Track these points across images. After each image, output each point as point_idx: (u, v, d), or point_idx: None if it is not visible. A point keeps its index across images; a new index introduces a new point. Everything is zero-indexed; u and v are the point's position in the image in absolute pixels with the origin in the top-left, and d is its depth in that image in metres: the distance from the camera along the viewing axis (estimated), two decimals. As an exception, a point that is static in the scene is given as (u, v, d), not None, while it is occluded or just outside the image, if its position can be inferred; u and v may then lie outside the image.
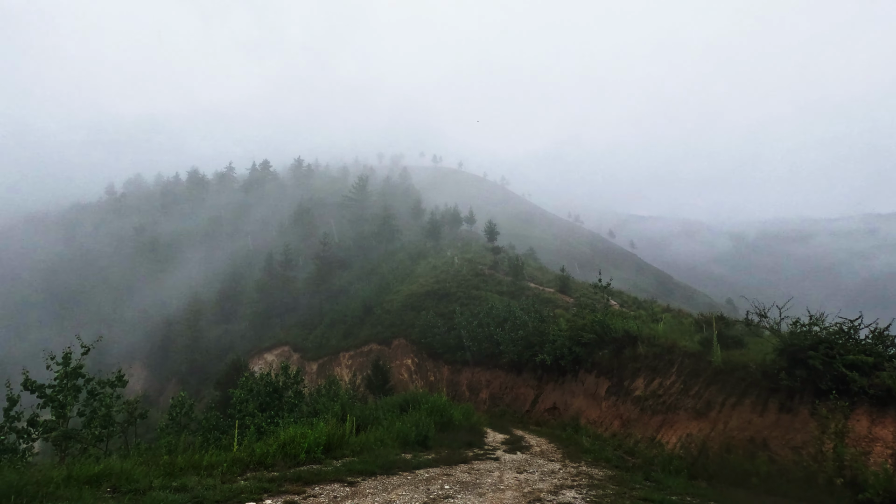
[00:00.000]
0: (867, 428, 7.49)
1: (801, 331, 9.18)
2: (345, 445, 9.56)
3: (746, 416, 9.60)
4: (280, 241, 73.68)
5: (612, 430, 15.08)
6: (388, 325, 37.56)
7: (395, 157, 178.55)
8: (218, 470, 7.11)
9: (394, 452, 9.78)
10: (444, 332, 30.67)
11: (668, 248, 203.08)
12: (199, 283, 75.19)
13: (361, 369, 35.04)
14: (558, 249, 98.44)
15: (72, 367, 9.52)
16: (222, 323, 64.06)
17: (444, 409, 14.58)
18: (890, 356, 8.44)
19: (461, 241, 60.47)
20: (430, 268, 45.76)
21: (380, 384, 25.35)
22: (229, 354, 46.17)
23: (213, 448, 8.91)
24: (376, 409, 14.61)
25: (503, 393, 25.12)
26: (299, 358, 44.73)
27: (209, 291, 71.06)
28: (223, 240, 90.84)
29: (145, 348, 66.12)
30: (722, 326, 14.23)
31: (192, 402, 14.70)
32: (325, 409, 12.77)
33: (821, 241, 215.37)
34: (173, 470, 6.86)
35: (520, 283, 37.70)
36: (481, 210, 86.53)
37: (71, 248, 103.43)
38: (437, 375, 30.67)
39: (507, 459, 10.84)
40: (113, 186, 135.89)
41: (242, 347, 53.17)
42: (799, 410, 8.67)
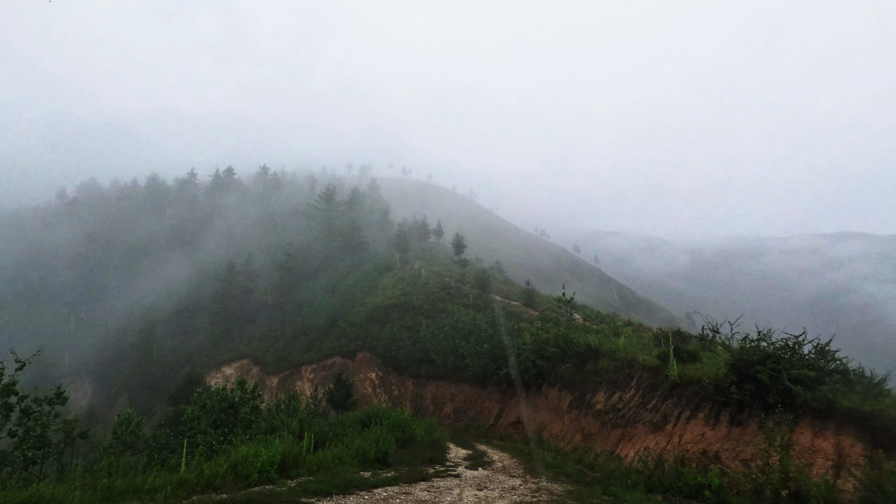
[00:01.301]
0: (810, 440, 7.80)
1: (750, 346, 9.54)
2: (301, 464, 9.25)
3: (700, 429, 9.85)
4: (243, 251, 71.77)
5: (573, 444, 15.19)
6: (352, 337, 36.94)
7: (363, 167, 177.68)
8: (161, 494, 6.73)
9: (352, 471, 9.53)
10: (409, 346, 30.39)
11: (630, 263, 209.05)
12: (155, 293, 72.14)
13: (324, 383, 34.23)
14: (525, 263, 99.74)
15: (3, 383, 8.86)
16: (179, 335, 61.55)
17: (407, 424, 14.37)
18: (830, 371, 8.86)
19: (429, 254, 60.43)
20: (396, 280, 45.43)
21: (342, 398, 24.78)
22: (185, 368, 44.31)
23: (158, 469, 8.44)
24: (337, 425, 14.26)
25: (467, 407, 25.00)
26: (259, 371, 43.36)
27: (166, 302, 68.24)
28: (183, 248, 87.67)
29: (94, 362, 62.69)
30: (678, 341, 14.65)
31: (139, 420, 13.95)
32: (282, 426, 12.36)
33: (772, 259, 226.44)
34: (111, 495, 6.44)
35: (486, 295, 37.88)
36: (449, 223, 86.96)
37: (15, 254, 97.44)
38: (402, 389, 30.29)
39: (469, 476, 10.73)
40: (64, 190, 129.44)
41: (199, 360, 51.18)
42: (748, 423, 8.96)
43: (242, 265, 62.84)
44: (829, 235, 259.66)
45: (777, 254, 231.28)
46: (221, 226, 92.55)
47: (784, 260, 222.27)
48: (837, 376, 8.84)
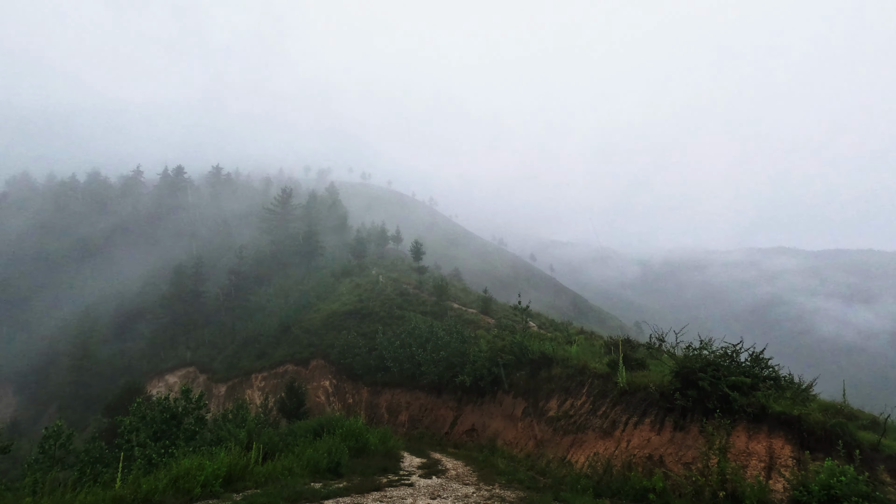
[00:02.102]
0: (745, 443, 8.26)
1: (693, 354, 10.02)
2: (248, 477, 8.91)
3: (646, 434, 10.22)
4: (192, 253, 68.76)
5: (526, 451, 15.40)
6: (306, 344, 36.03)
7: (322, 170, 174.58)
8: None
9: (302, 482, 9.26)
10: (364, 353, 29.95)
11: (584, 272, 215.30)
12: (93, 296, 67.81)
13: (275, 391, 33.17)
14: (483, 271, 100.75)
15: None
16: (118, 341, 58.06)
17: (360, 433, 14.14)
18: (764, 377, 9.44)
19: (387, 260, 59.99)
20: (353, 286, 44.77)
21: (294, 407, 24.06)
22: (124, 376, 41.84)
23: (90, 486, 7.90)
24: (288, 435, 13.84)
25: (423, 415, 24.87)
26: (206, 379, 41.52)
27: (105, 306, 64.27)
28: (126, 250, 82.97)
29: (20, 369, 58.05)
30: (627, 349, 15.19)
31: (70, 432, 13.00)
32: (229, 437, 11.86)
33: (715, 271, 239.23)
34: (36, 514, 5.98)
35: (443, 303, 37.95)
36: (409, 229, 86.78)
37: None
38: (356, 398, 29.77)
39: (422, 485, 10.66)
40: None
41: (140, 368, 48.45)
42: (690, 428, 9.38)
43: (191, 268, 60.14)
44: (765, 250, 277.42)
45: (719, 266, 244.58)
46: (169, 227, 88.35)
47: (725, 272, 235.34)
48: (770, 382, 9.43)
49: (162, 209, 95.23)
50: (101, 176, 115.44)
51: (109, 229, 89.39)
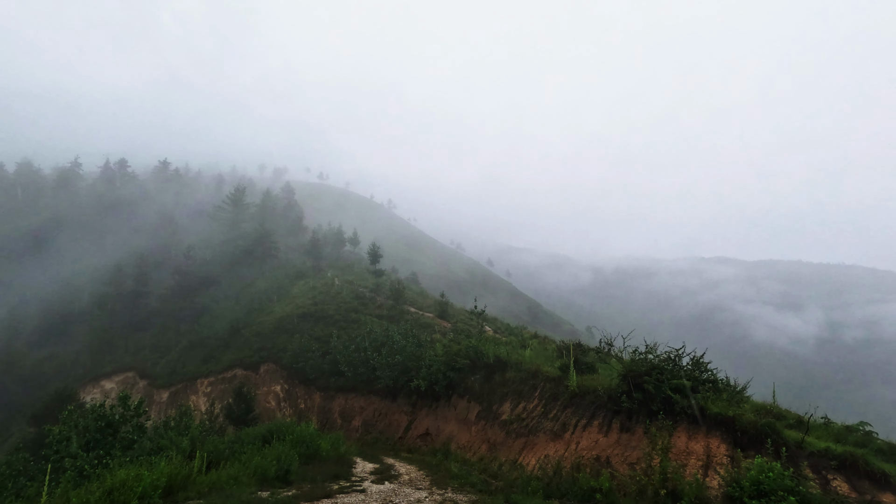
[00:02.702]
0: (685, 443, 8.68)
1: (639, 358, 10.45)
2: (190, 487, 8.51)
3: (594, 436, 10.55)
4: (134, 251, 65.14)
5: (479, 454, 15.52)
6: (256, 348, 34.87)
7: (278, 169, 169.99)
8: (15, 528, 5.83)
9: (248, 491, 8.94)
10: (318, 357, 29.34)
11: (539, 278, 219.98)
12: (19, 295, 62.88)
13: (222, 397, 31.89)
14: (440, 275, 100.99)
15: None
16: (49, 344, 54.05)
17: (312, 439, 13.81)
18: (704, 380, 9.96)
19: (343, 263, 59.07)
20: (308, 288, 43.77)
21: (242, 413, 23.23)
22: (54, 382, 39.02)
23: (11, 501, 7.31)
24: (235, 443, 13.32)
25: (377, 420, 24.59)
26: (147, 385, 39.38)
27: (35, 306, 59.73)
28: (59, 246, 77.54)
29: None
30: (578, 353, 15.62)
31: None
32: (170, 445, 11.28)
33: (662, 279, 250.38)
34: (-53, 533, 5.46)
35: (400, 307, 37.75)
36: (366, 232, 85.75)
37: None
38: (308, 403, 29.08)
39: (374, 490, 10.54)
40: None
41: (74, 374, 45.34)
42: (636, 430, 9.76)
43: (133, 267, 56.95)
44: (707, 259, 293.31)
45: (666, 274, 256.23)
46: (109, 223, 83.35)
47: (672, 280, 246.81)
48: (709, 385, 9.96)
49: (102, 204, 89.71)
50: (32, 166, 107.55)
51: (40, 224, 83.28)
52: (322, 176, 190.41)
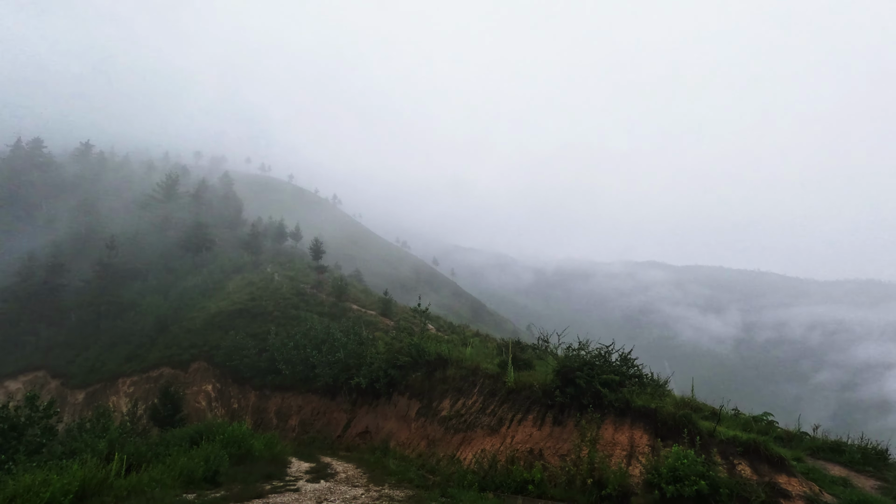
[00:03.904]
0: (612, 435, 9.19)
1: (572, 354, 10.93)
2: (106, 491, 7.96)
3: (529, 430, 10.91)
4: (48, 240, 59.73)
5: (418, 451, 15.59)
6: (186, 345, 33.04)
7: (215, 158, 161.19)
8: None
9: (172, 494, 8.49)
10: (254, 355, 28.27)
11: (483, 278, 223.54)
12: None
13: (147, 398, 29.97)
14: (384, 273, 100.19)
15: None
16: (-59, 341, 48.42)
17: (244, 439, 13.29)
18: (630, 375, 10.58)
19: (284, 258, 57.10)
20: (245, 283, 42.00)
21: (168, 414, 21.94)
22: (-52, 383, 35.13)
23: None
24: (159, 445, 12.58)
25: (315, 419, 24.06)
26: (59, 385, 36.29)
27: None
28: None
29: None
30: (517, 351, 16.08)
31: None
32: (85, 448, 10.48)
33: (598, 281, 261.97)
34: None
35: (342, 304, 37.11)
36: (309, 227, 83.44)
37: None
38: (243, 402, 27.96)
39: (309, 489, 10.33)
40: None
41: (-29, 373, 40.86)
42: (567, 423, 10.20)
43: (47, 257, 52.17)
44: (640, 263, 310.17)
45: (602, 276, 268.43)
46: (19, 208, 75.89)
47: (607, 282, 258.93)
48: (635, 380, 10.59)
49: (10, 187, 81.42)
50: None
51: (-63, 206, 74.38)
52: (264, 167, 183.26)
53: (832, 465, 8.50)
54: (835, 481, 7.58)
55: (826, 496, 7.03)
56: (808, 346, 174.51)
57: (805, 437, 10.50)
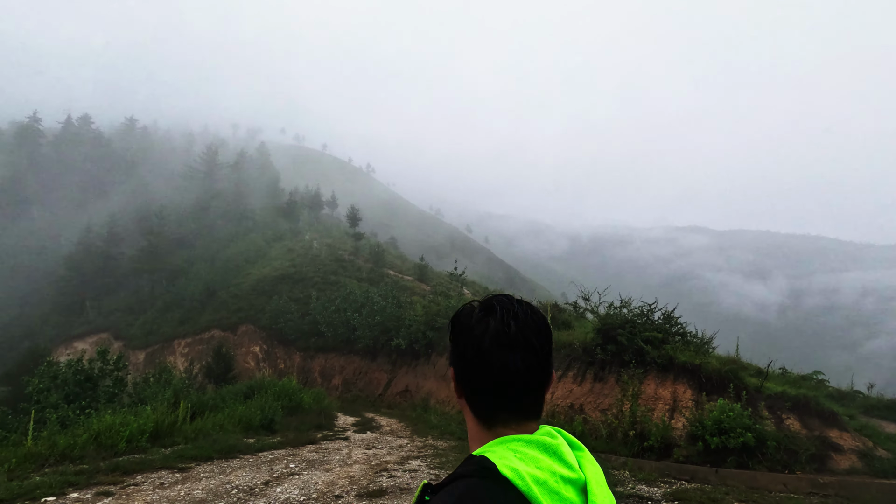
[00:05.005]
0: (654, 390, 9.20)
1: (614, 312, 10.88)
2: (177, 433, 8.67)
3: (569, 386, 11.05)
4: (102, 211, 62.96)
5: (458, 408, 16.08)
6: (234, 310, 34.68)
7: (252, 129, 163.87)
8: (4, 467, 5.90)
9: (235, 437, 9.16)
10: (297, 318, 29.43)
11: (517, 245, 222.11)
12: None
13: (200, 358, 31.83)
14: (419, 240, 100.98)
15: None
16: (14, 306, 52.63)
17: (293, 393, 14.08)
18: (673, 333, 10.47)
19: (321, 226, 58.35)
20: (285, 251, 43.35)
21: (222, 372, 23.29)
22: (25, 343, 38.27)
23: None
24: (216, 398, 13.47)
25: (357, 378, 25.06)
26: (122, 346, 38.90)
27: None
28: (19, 206, 74.31)
29: None
30: (555, 312, 16.11)
31: (-35, 397, 11.85)
32: (153, 397, 11.36)
33: (636, 247, 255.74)
34: (-65, 471, 5.50)
35: (379, 270, 37.84)
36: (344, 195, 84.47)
37: None
38: (288, 363, 29.35)
39: (357, 438, 10.91)
40: None
41: (45, 335, 44.38)
42: (608, 379, 10.27)
43: (102, 227, 55.19)
44: (681, 228, 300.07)
45: (641, 242, 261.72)
46: (74, 182, 79.99)
47: (645, 248, 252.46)
48: (678, 337, 10.48)
49: (65, 162, 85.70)
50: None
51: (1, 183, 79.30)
52: (298, 137, 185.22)
53: (887, 423, 8.27)
54: (890, 438, 7.39)
55: (880, 451, 6.89)
56: (861, 313, 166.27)
57: (858, 395, 10.21)
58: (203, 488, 5.67)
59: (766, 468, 6.80)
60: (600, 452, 8.58)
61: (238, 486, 5.85)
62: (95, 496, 5.19)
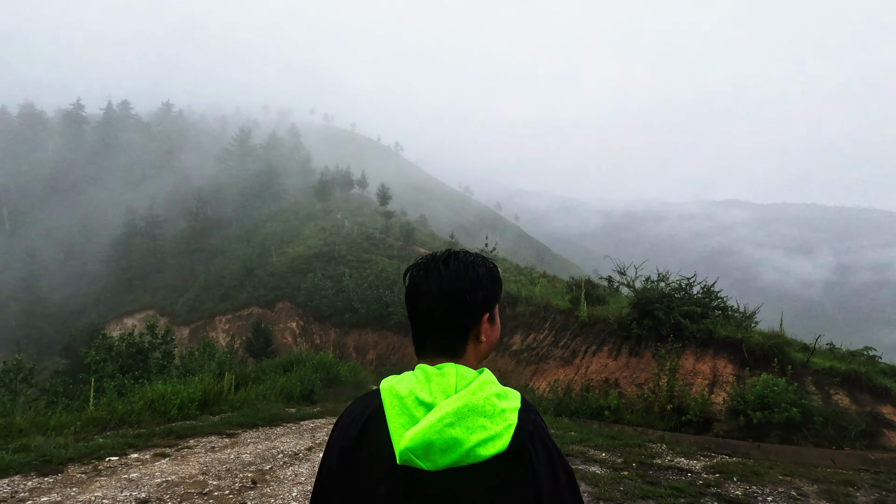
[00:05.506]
0: (693, 364, 9.02)
1: (651, 286, 10.64)
2: (223, 402, 9.11)
3: (604, 361, 10.97)
4: (143, 195, 65.45)
5: (490, 382, 16.24)
6: (271, 287, 35.77)
7: (282, 110, 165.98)
8: (70, 429, 6.35)
9: (277, 406, 9.55)
10: (331, 295, 30.12)
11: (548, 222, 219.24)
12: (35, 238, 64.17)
13: (241, 333, 33.10)
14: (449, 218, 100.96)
15: None
16: (69, 285, 55.82)
17: (330, 365, 14.51)
18: (713, 307, 10.18)
19: (352, 205, 59.01)
20: (318, 230, 44.16)
21: (261, 347, 24.15)
22: (79, 320, 40.67)
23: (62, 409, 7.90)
24: (257, 370, 14.04)
25: (390, 353, 25.61)
26: (167, 322, 40.78)
27: (52, 249, 61.12)
28: (69, 191, 78.03)
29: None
30: (589, 287, 15.90)
31: (31, 366, 12.74)
32: (199, 369, 11.93)
33: (672, 223, 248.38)
34: (10, 432, 5.97)
35: (410, 247, 38.12)
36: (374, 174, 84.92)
37: None
38: (324, 338, 30.19)
39: (393, 409, 11.18)
40: None
41: (97, 312, 47.06)
42: (644, 354, 10.12)
43: (144, 209, 57.48)
44: (719, 202, 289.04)
45: (676, 218, 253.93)
46: (116, 167, 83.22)
47: (681, 223, 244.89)
48: (718, 312, 10.20)
49: (107, 147, 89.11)
50: (35, 109, 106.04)
51: (48, 167, 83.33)
52: (327, 118, 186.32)
53: (944, 401, 7.87)
54: (947, 415, 7.04)
55: (936, 428, 6.58)
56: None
57: (913, 372, 9.73)
58: (251, 452, 5.96)
59: (811, 444, 6.61)
60: (636, 426, 8.53)
61: (283, 451, 6.11)
62: (154, 457, 5.53)
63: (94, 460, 5.23)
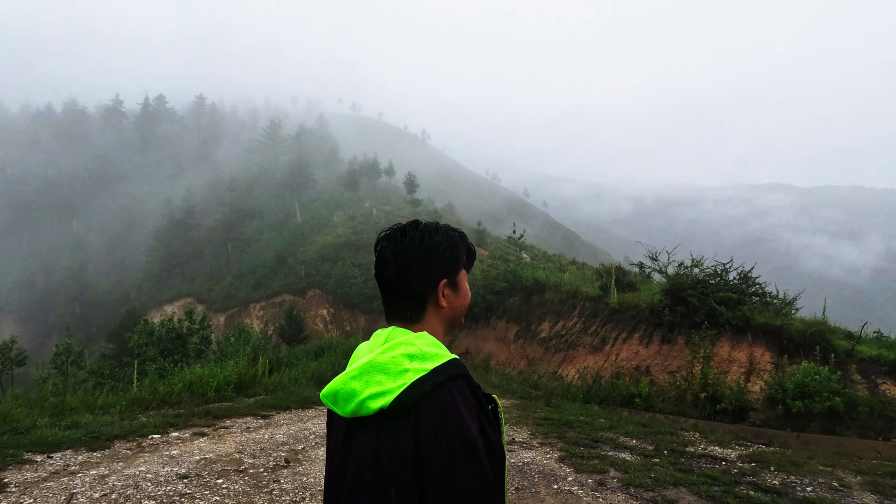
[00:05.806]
0: (728, 352, 8.76)
1: (684, 272, 10.35)
2: (257, 385, 9.40)
3: (634, 348, 10.77)
4: (180, 186, 67.57)
5: (518, 369, 16.21)
6: (302, 275, 36.56)
7: (310, 101, 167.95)
8: (116, 409, 6.68)
9: (309, 390, 9.79)
10: (361, 283, 30.57)
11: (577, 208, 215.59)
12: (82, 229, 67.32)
13: (274, 320, 34.04)
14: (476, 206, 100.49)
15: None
16: (113, 273, 58.43)
17: (361, 351, 14.74)
18: (751, 293, 9.84)
19: (380, 193, 59.42)
20: (347, 218, 44.73)
21: (294, 333, 24.85)
22: (123, 307, 42.57)
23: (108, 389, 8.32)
24: (290, 355, 14.42)
25: (419, 340, 25.86)
26: (204, 309, 42.20)
27: (96, 238, 63.99)
28: (111, 183, 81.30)
29: (19, 301, 58.72)
30: (619, 274, 15.60)
31: (80, 350, 13.46)
32: (235, 354, 12.34)
33: (707, 208, 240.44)
34: (62, 410, 6.33)
35: (438, 235, 38.19)
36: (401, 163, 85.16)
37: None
38: (354, 325, 30.72)
39: (422, 394, 11.31)
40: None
41: (139, 299, 49.19)
42: (677, 341, 9.89)
43: (181, 201, 59.41)
44: (758, 186, 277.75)
45: (711, 203, 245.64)
46: (153, 159, 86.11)
47: (717, 208, 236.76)
48: (756, 298, 9.85)
49: (145, 141, 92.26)
50: (78, 105, 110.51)
51: (91, 161, 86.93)
52: (355, 107, 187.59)
53: None
54: None
55: None
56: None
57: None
58: (284, 433, 6.14)
59: (856, 434, 6.34)
60: (668, 414, 8.37)
61: (314, 432, 6.27)
62: (193, 435, 5.77)
63: (139, 437, 5.50)
